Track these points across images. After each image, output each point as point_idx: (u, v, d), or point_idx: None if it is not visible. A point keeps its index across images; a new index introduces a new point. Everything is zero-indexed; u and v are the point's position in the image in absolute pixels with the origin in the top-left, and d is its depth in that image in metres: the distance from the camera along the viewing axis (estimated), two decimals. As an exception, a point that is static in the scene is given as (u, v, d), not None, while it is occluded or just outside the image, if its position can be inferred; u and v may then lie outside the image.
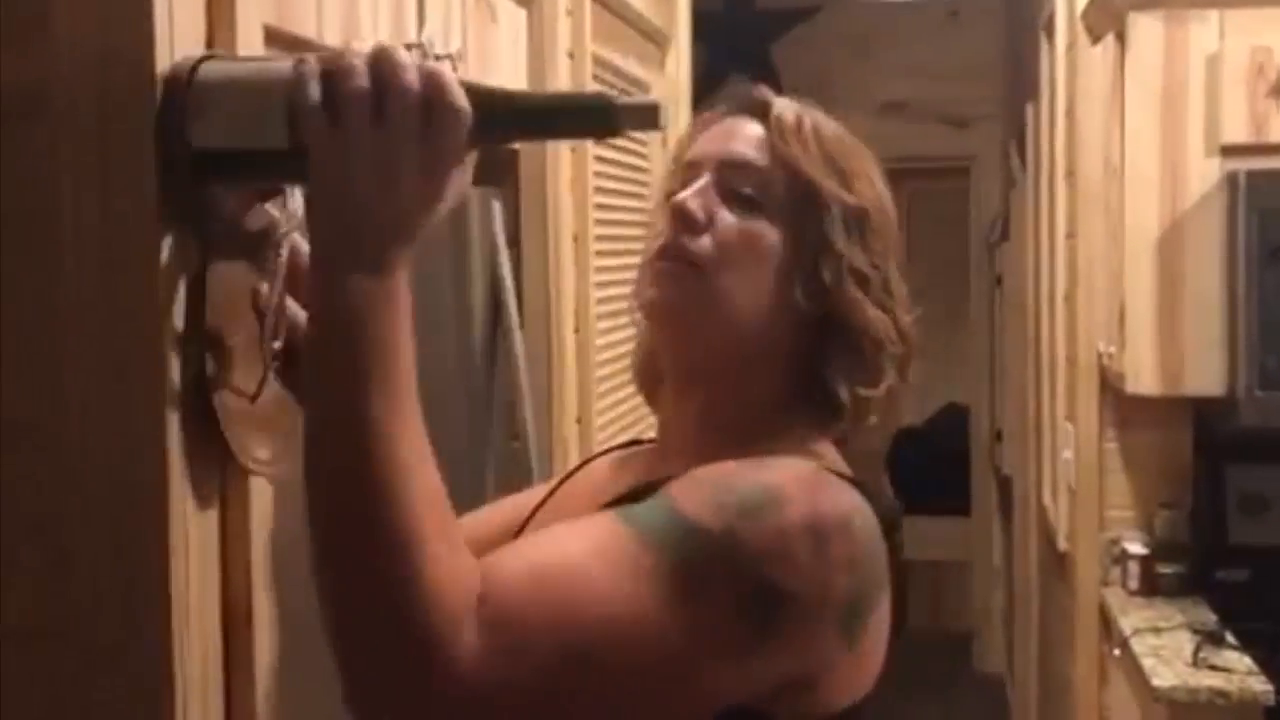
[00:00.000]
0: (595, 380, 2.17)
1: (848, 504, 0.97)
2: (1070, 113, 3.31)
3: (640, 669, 0.88)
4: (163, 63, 0.90)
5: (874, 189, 1.08)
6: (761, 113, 1.08)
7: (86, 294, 0.90)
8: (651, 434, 1.18)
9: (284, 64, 0.89)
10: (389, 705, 0.85)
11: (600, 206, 2.21)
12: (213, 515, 0.95)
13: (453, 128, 0.85)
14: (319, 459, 0.85)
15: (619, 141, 2.40)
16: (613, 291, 2.34)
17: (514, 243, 1.89)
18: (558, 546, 0.91)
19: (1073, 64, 3.26)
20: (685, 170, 1.08)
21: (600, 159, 2.23)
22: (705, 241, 1.03)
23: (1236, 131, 2.63)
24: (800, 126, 1.07)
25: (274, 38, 1.08)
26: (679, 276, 1.03)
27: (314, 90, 0.85)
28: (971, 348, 5.83)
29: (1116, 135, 2.82)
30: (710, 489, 0.93)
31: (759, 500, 0.92)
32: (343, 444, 0.84)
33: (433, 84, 0.85)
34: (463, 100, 0.86)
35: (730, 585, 0.89)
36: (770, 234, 1.04)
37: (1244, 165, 2.60)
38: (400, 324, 0.86)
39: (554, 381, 1.98)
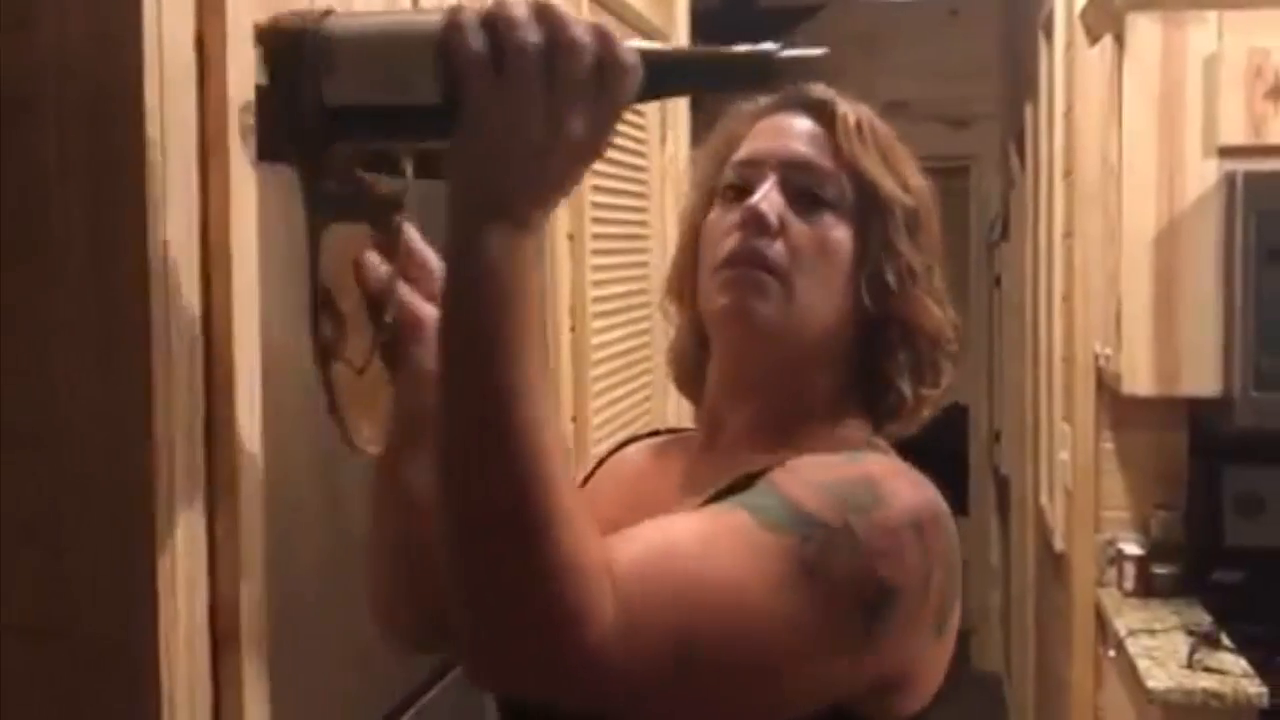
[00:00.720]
0: (591, 379, 2.17)
1: (935, 498, 0.98)
2: (1068, 113, 3.31)
3: (757, 649, 0.87)
4: (151, 59, 0.90)
5: (923, 186, 1.09)
6: (819, 110, 1.07)
7: (78, 293, 0.90)
8: (651, 428, 1.18)
9: (430, 16, 0.84)
10: (517, 677, 0.84)
11: (597, 205, 2.21)
12: (199, 520, 0.95)
13: (622, 86, 0.82)
14: (459, 423, 0.82)
15: (617, 140, 2.39)
16: (609, 290, 2.33)
17: (509, 241, 1.88)
18: (678, 527, 0.90)
19: (1071, 64, 3.25)
20: (741, 168, 1.07)
21: (597, 157, 2.22)
22: (779, 247, 1.02)
23: (1234, 133, 2.63)
24: (860, 126, 1.06)
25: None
26: (756, 284, 1.02)
27: (476, 40, 0.81)
28: (971, 347, 5.83)
29: (1114, 136, 2.82)
30: (818, 484, 0.93)
31: (868, 496, 0.92)
32: (486, 409, 0.80)
33: (603, 41, 0.82)
34: (633, 57, 0.82)
35: (848, 580, 0.89)
36: (838, 236, 1.04)
37: (1242, 166, 2.60)
38: (540, 284, 0.84)
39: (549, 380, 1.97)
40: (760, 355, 1.05)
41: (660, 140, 2.76)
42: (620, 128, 2.55)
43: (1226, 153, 2.64)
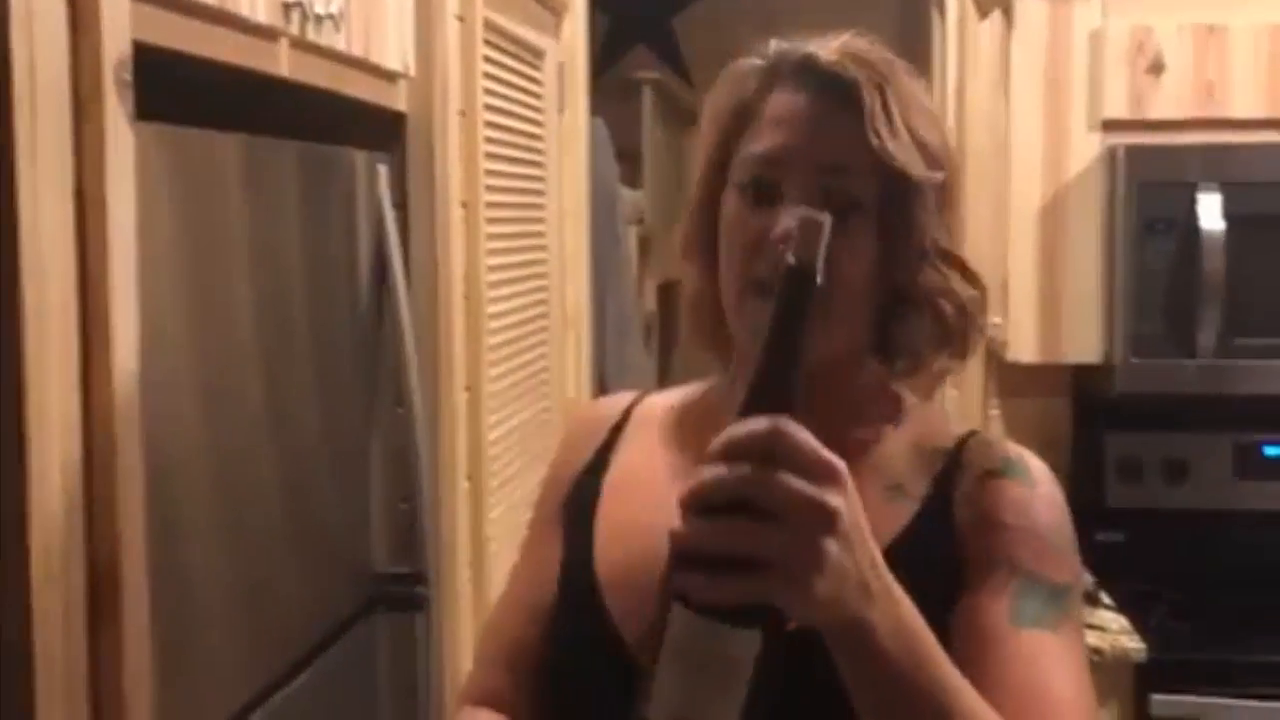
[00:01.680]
0: (486, 348, 2.17)
1: None
2: (960, 88, 3.36)
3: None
4: (19, 12, 0.88)
5: (947, 144, 1.06)
6: (843, 92, 1.01)
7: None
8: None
9: (679, 622, 0.78)
10: None
11: (491, 173, 2.20)
12: (76, 478, 0.94)
13: (796, 442, 0.77)
14: None
15: (513, 109, 2.39)
16: (506, 259, 2.33)
17: (401, 207, 1.88)
18: (1051, 678, 0.98)
19: (962, 40, 3.31)
20: (767, 167, 1.02)
21: (492, 125, 2.22)
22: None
23: (1117, 107, 2.70)
24: (888, 110, 1.01)
25: (142, 14, 1.06)
26: None
27: (698, 577, 0.76)
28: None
29: (1002, 110, 2.88)
30: (1054, 545, 1.04)
31: (1068, 527, 1.06)
32: None
33: (743, 440, 0.77)
34: (768, 421, 0.77)
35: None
36: (868, 237, 1.01)
37: (1124, 140, 2.67)
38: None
39: (441, 348, 1.97)
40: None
41: (558, 109, 2.76)
42: (516, 94, 2.51)
43: (1110, 127, 2.71)
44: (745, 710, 0.78)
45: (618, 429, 1.19)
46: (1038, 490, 1.06)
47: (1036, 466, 1.08)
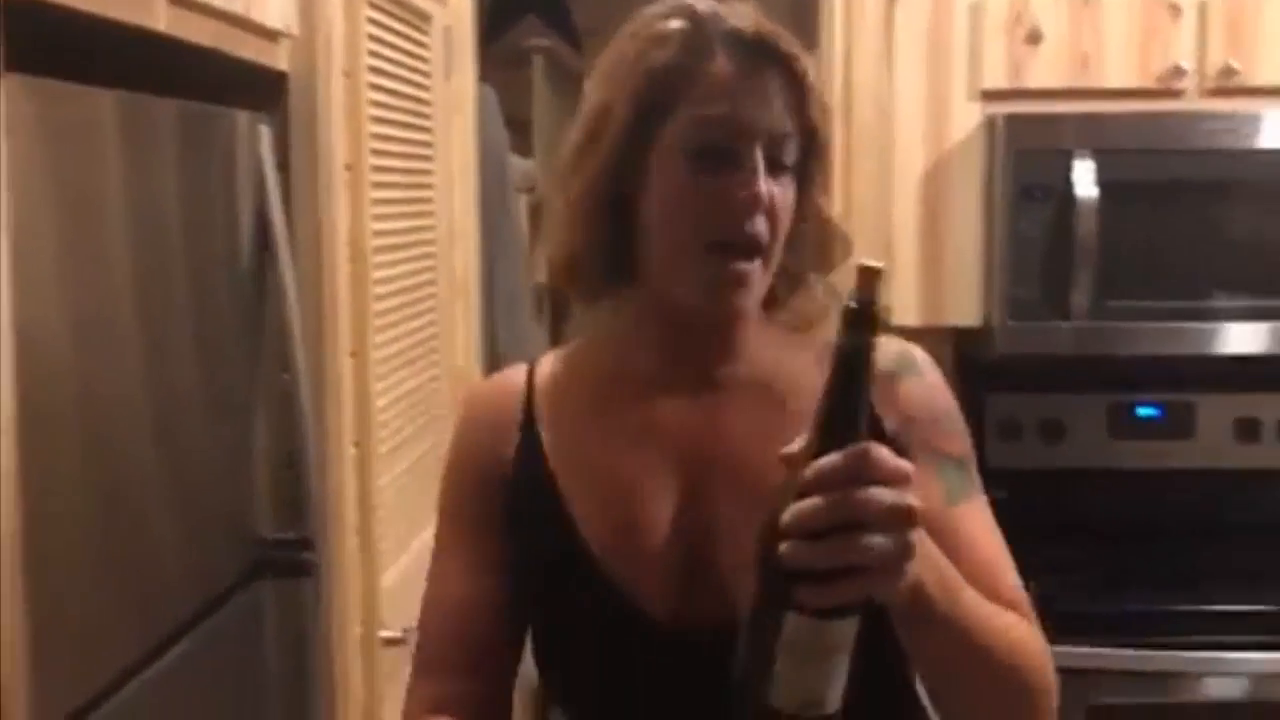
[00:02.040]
0: (373, 314, 2.15)
1: None
2: (846, 57, 3.41)
3: None
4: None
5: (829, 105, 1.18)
6: (783, 63, 1.09)
7: None
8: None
9: (792, 626, 0.90)
10: None
11: (376, 136, 2.18)
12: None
13: (873, 460, 0.88)
14: (974, 670, 1.05)
15: (399, 72, 2.36)
16: (392, 225, 2.31)
17: (283, 169, 1.85)
18: (981, 544, 1.15)
19: (849, 9, 3.35)
20: (722, 132, 1.07)
21: (377, 87, 2.20)
22: (767, 223, 1.09)
23: (996, 77, 2.76)
24: (813, 79, 1.11)
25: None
26: (739, 277, 1.09)
27: (816, 587, 0.87)
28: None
29: (886, 79, 2.93)
30: (952, 425, 1.18)
31: (957, 407, 1.19)
32: (984, 652, 1.04)
33: (853, 468, 0.87)
34: (869, 448, 0.88)
35: None
36: (793, 191, 1.11)
37: (1002, 109, 2.73)
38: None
39: (326, 313, 1.95)
40: (735, 319, 1.14)
41: (445, 74, 2.74)
42: (401, 58, 2.49)
43: (989, 96, 2.77)
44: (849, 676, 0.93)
45: (528, 408, 1.18)
46: (928, 380, 1.18)
47: (921, 358, 1.19)
